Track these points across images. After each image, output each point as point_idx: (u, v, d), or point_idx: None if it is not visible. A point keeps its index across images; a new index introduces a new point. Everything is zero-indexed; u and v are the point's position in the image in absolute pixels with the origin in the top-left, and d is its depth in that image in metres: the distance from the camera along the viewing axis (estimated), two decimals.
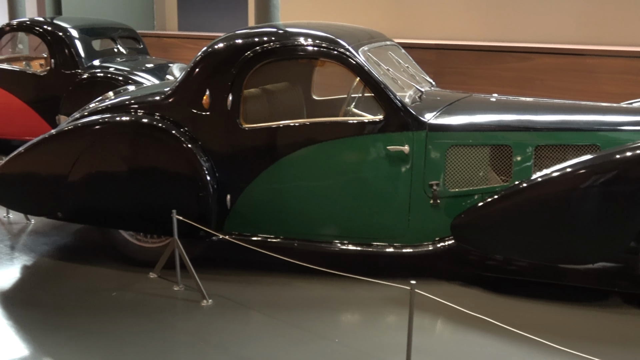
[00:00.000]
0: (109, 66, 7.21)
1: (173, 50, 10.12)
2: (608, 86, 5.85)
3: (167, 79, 6.89)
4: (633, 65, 5.79)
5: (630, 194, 3.72)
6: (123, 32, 8.10)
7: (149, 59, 7.94)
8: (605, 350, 3.41)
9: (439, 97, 4.56)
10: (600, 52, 5.97)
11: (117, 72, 7.01)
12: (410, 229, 4.18)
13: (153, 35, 10.77)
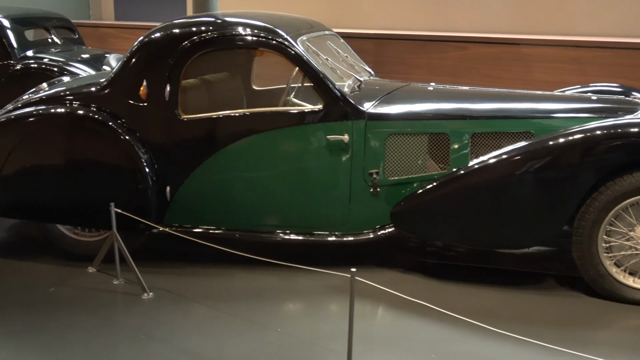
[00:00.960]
0: (43, 57, 7.03)
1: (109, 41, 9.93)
2: (542, 74, 5.99)
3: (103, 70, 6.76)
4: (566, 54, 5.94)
5: (563, 180, 3.83)
6: (57, 21, 7.91)
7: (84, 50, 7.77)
8: (540, 332, 3.51)
9: (378, 87, 4.60)
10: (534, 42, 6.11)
11: (52, 63, 6.84)
12: (351, 218, 4.21)
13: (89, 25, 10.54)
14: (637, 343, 3.49)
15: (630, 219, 3.79)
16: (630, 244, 3.82)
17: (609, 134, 3.80)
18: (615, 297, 3.86)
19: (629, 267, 3.85)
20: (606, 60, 5.70)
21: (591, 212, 3.79)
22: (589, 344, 3.44)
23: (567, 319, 3.72)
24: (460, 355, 3.31)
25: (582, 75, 5.66)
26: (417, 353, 3.33)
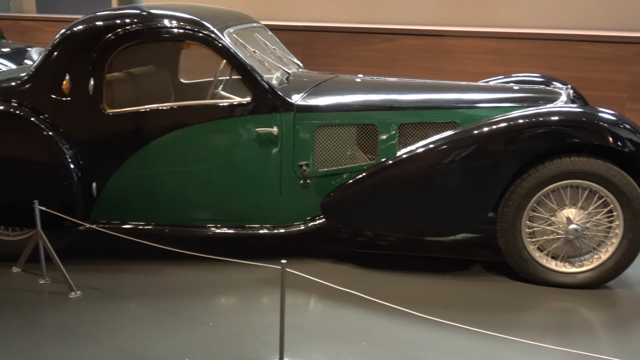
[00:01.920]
0: None
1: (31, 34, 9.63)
2: (466, 65, 6.11)
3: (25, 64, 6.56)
4: (489, 45, 6.08)
5: (487, 168, 3.92)
6: None
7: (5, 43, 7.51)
8: (468, 316, 3.59)
9: (306, 79, 4.61)
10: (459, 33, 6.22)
11: None
12: (281, 210, 4.22)
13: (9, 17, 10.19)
14: (561, 324, 3.61)
15: (552, 204, 3.92)
16: (552, 229, 3.95)
17: (530, 123, 3.92)
18: (539, 281, 3.99)
19: (551, 251, 3.98)
20: (528, 51, 5.86)
21: (514, 199, 3.90)
22: (515, 327, 3.54)
23: (493, 303, 3.82)
24: (391, 342, 3.36)
25: (505, 66, 5.80)
26: (348, 341, 3.37)
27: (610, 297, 3.91)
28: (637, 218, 3.84)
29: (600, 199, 3.88)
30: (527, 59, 5.85)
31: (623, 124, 3.92)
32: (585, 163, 3.82)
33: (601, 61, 5.51)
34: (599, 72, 5.51)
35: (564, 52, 5.68)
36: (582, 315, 3.76)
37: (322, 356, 3.22)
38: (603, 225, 3.92)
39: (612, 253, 3.91)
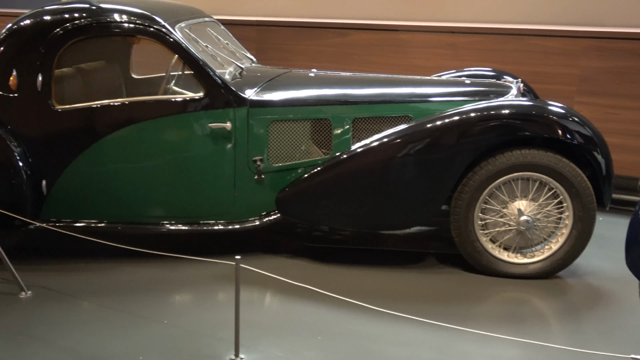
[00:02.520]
0: None
1: None
2: (420, 60, 6.16)
3: None
4: (442, 40, 6.13)
5: (440, 161, 3.96)
6: None
7: None
8: (423, 309, 3.63)
9: (260, 73, 4.59)
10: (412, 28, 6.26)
11: None
12: (236, 205, 4.20)
13: None
14: (513, 314, 3.67)
15: (504, 196, 3.98)
16: (504, 221, 4.01)
17: (482, 116, 3.97)
18: (492, 272, 4.04)
19: (503, 243, 4.04)
20: (480, 46, 5.92)
21: (467, 192, 3.95)
22: (469, 318, 3.59)
23: (447, 294, 3.87)
24: (347, 336, 3.37)
25: (457, 60, 5.86)
26: (304, 336, 3.37)
27: (561, 287, 3.99)
28: (585, 209, 3.92)
29: (550, 190, 3.95)
30: (479, 54, 5.92)
31: (572, 117, 4.00)
32: (536, 155, 3.89)
33: (551, 55, 5.60)
34: (549, 66, 5.60)
35: (515, 46, 5.76)
36: (534, 305, 3.83)
37: (277, 351, 3.22)
38: (553, 217, 4.00)
39: (562, 243, 3.99)
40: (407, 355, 3.20)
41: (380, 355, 3.20)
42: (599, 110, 5.43)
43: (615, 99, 5.43)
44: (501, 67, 5.43)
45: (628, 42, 5.38)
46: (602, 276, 4.10)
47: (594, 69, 5.49)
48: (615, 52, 5.41)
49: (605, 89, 5.45)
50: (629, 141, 5.39)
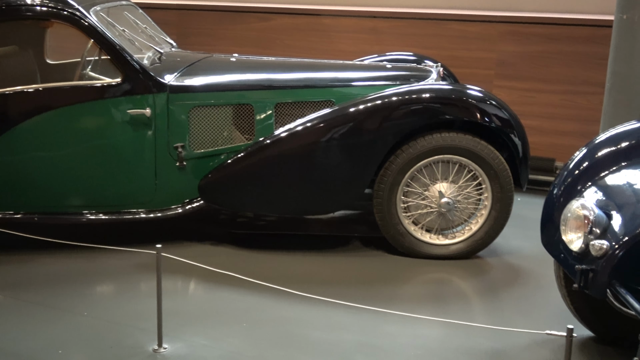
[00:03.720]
0: None
1: None
2: (342, 44, 6.17)
3: None
4: (364, 24, 6.16)
5: (363, 145, 3.99)
6: None
7: None
8: (349, 292, 3.65)
9: (179, 58, 4.51)
10: (335, 12, 6.26)
11: None
12: (158, 193, 4.12)
13: None
14: (436, 294, 3.74)
15: (425, 179, 4.04)
16: (425, 203, 4.07)
17: (403, 100, 4.01)
18: (415, 253, 4.10)
19: (425, 225, 4.11)
20: (401, 30, 5.98)
21: (389, 175, 3.99)
22: (393, 299, 3.64)
23: (372, 277, 3.91)
24: (272, 321, 3.37)
25: (379, 45, 5.89)
26: (229, 323, 3.34)
27: (481, 267, 4.08)
28: (503, 190, 4.01)
29: (469, 172, 4.03)
30: (400, 38, 5.97)
31: (489, 101, 4.08)
32: (455, 138, 3.96)
33: (469, 40, 5.70)
34: (468, 51, 5.70)
35: (435, 31, 5.84)
36: (456, 285, 3.91)
37: (202, 339, 3.19)
38: (473, 198, 4.08)
39: (482, 224, 4.08)
40: (332, 339, 3.21)
41: (305, 339, 3.21)
42: (516, 94, 5.56)
43: (532, 83, 5.57)
44: (422, 51, 5.49)
45: (543, 27, 5.52)
46: (520, 255, 4.22)
47: (511, 53, 5.62)
48: (531, 36, 5.54)
49: (522, 73, 5.59)
50: (545, 123, 5.55)
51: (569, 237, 2.77)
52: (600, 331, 3.14)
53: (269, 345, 3.15)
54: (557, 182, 3.07)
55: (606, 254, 2.60)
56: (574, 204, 2.77)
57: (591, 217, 2.69)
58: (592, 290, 2.64)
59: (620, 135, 3.09)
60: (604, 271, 2.59)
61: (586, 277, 2.65)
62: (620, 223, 2.68)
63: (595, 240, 2.63)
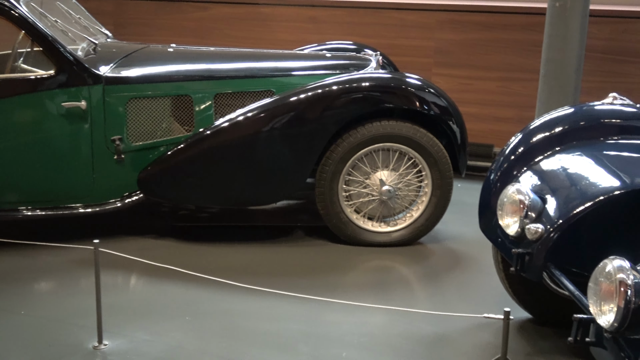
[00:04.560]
0: None
1: None
2: (282, 34, 6.15)
3: None
4: (304, 13, 6.15)
5: (304, 134, 3.99)
6: None
7: None
8: (293, 282, 3.65)
9: (115, 49, 4.42)
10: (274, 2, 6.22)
11: None
12: (96, 188, 4.04)
13: None
14: (379, 282, 3.78)
15: (366, 167, 4.06)
16: (367, 191, 4.09)
17: (343, 89, 4.02)
18: (357, 242, 4.13)
19: (367, 213, 4.13)
20: (340, 19, 5.99)
21: (330, 164, 4.00)
22: (337, 288, 3.65)
23: (315, 267, 3.92)
24: (216, 314, 3.34)
25: (319, 34, 5.89)
26: (172, 317, 3.31)
27: (423, 253, 4.13)
28: (443, 177, 4.07)
29: (409, 160, 4.06)
30: (340, 27, 5.98)
31: (428, 89, 4.12)
32: (395, 126, 3.99)
33: (408, 28, 5.75)
34: (407, 39, 5.75)
35: (374, 19, 5.87)
36: (398, 272, 3.95)
37: (144, 335, 3.14)
38: (413, 185, 4.12)
39: (422, 211, 4.13)
40: (276, 330, 3.21)
41: (249, 331, 3.20)
42: (454, 81, 5.64)
43: (470, 70, 5.66)
44: (361, 40, 5.51)
45: (480, 15, 5.61)
46: (461, 240, 4.29)
47: (449, 41, 5.69)
48: (468, 24, 5.62)
49: (459, 61, 5.67)
50: (483, 110, 5.64)
51: (505, 222, 2.83)
52: (538, 313, 3.22)
53: (212, 338, 3.13)
54: (493, 168, 3.12)
55: (541, 238, 2.66)
56: (509, 189, 2.82)
57: (526, 201, 2.74)
58: (529, 273, 2.70)
59: (553, 120, 3.16)
60: (540, 254, 2.65)
61: (522, 260, 2.71)
62: (555, 207, 2.74)
63: (531, 224, 2.69)
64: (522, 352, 3.02)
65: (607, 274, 2.02)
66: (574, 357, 2.96)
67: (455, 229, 4.42)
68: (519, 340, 3.11)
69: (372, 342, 3.11)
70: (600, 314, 2.04)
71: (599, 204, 2.63)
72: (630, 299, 1.94)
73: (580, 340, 2.17)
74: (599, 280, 2.05)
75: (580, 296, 2.36)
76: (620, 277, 1.97)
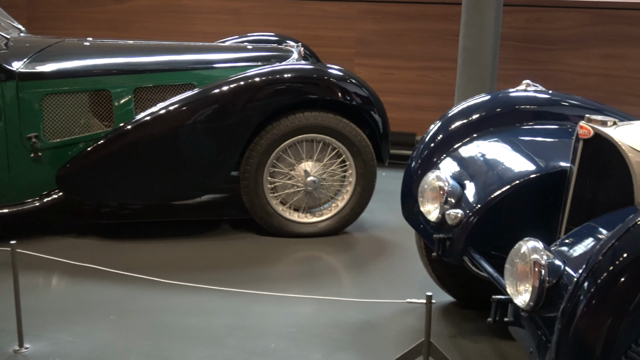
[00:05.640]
0: None
1: None
2: (203, 26, 6.09)
3: None
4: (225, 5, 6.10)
5: (226, 127, 3.96)
6: None
7: None
8: (219, 276, 3.63)
9: (29, 44, 4.28)
10: None
11: None
12: (12, 187, 3.91)
13: None
14: (307, 272, 3.80)
15: (290, 159, 4.06)
16: (292, 183, 4.10)
17: (266, 81, 4.01)
18: (284, 233, 4.14)
19: (293, 204, 4.14)
20: (262, 11, 5.97)
21: (255, 157, 3.99)
22: (265, 280, 3.65)
23: (242, 260, 3.90)
24: (141, 312, 3.29)
25: (240, 26, 5.86)
26: (95, 317, 3.23)
27: (349, 242, 4.18)
28: (367, 166, 4.11)
29: (333, 150, 4.09)
30: (261, 19, 5.96)
31: (350, 79, 4.16)
32: (318, 117, 4.01)
33: (329, 19, 5.78)
34: (328, 30, 5.78)
35: (295, 11, 5.88)
36: (326, 262, 3.98)
37: (66, 336, 3.06)
38: (338, 175, 4.15)
39: (347, 200, 4.17)
40: (203, 325, 3.18)
41: (176, 327, 3.16)
42: (376, 71, 5.70)
43: (391, 60, 5.73)
44: (283, 31, 5.51)
45: (399, 6, 5.68)
46: (386, 228, 4.35)
47: (370, 31, 5.74)
48: (388, 15, 5.69)
49: (381, 51, 5.74)
50: (405, 99, 5.73)
51: (426, 208, 2.88)
52: (461, 296, 3.30)
53: (138, 336, 3.08)
54: (414, 156, 3.18)
55: (461, 222, 2.72)
56: (429, 176, 2.88)
57: (446, 188, 2.80)
58: (450, 258, 2.77)
59: (471, 108, 3.23)
60: (460, 239, 2.71)
61: (444, 245, 2.77)
62: (473, 192, 2.81)
63: (451, 210, 2.75)
64: (446, 334, 3.09)
65: (522, 255, 2.08)
66: (495, 337, 3.05)
67: (381, 217, 4.48)
68: (443, 323, 3.19)
69: (301, 332, 3.13)
70: (517, 294, 2.10)
71: (515, 187, 2.71)
72: (544, 279, 2.01)
73: (499, 320, 2.23)
74: (515, 262, 2.11)
75: (498, 277, 2.43)
76: (535, 257, 2.04)
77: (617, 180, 2.39)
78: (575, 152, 2.54)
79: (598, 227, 2.18)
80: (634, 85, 5.29)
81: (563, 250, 2.16)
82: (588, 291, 1.83)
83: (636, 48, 5.27)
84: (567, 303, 1.87)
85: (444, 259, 2.80)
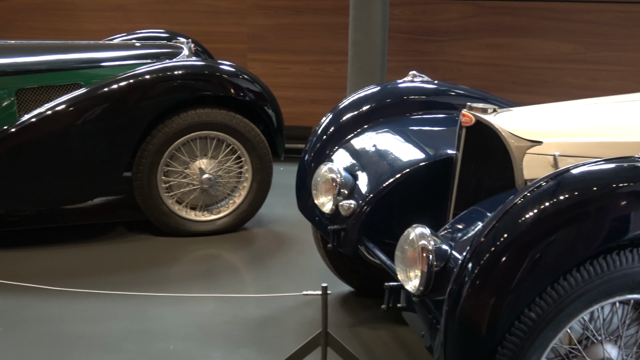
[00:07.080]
0: None
1: None
2: (89, 24, 5.91)
3: None
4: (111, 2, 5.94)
5: (115, 128, 3.87)
6: None
7: None
8: (115, 281, 3.54)
9: None
10: None
11: None
12: None
13: None
14: (206, 270, 3.77)
15: (184, 157, 4.01)
16: (187, 181, 4.05)
17: (156, 78, 3.96)
18: (182, 232, 4.08)
19: (189, 203, 4.09)
20: (150, 7, 5.86)
21: (147, 156, 3.91)
22: (164, 282, 3.59)
23: (139, 262, 3.82)
24: (32, 322, 3.16)
25: (129, 23, 5.72)
26: None
27: (248, 238, 4.17)
28: (262, 161, 4.11)
29: (228, 147, 4.07)
30: (150, 15, 5.85)
31: (242, 75, 4.14)
32: (210, 114, 3.97)
33: (220, 15, 5.73)
34: (219, 25, 5.74)
35: (184, 6, 5.80)
36: (225, 259, 3.96)
37: None
38: (234, 172, 4.13)
39: (245, 196, 4.15)
40: (98, 331, 3.09)
41: (70, 335, 3.06)
42: (270, 66, 5.71)
43: (284, 55, 5.75)
44: (173, 28, 5.42)
45: (289, 0, 5.70)
46: (284, 222, 4.37)
47: (262, 26, 5.74)
48: (279, 10, 5.70)
49: (273, 46, 5.74)
50: (299, 93, 5.76)
51: (320, 201, 2.91)
52: (358, 285, 3.35)
53: (30, 347, 2.96)
54: (307, 149, 3.20)
55: (354, 213, 2.76)
56: (322, 169, 2.90)
57: (338, 179, 2.83)
58: (345, 248, 2.80)
59: (361, 99, 3.28)
60: (354, 229, 2.75)
61: (338, 236, 2.80)
62: (366, 182, 2.85)
63: (344, 201, 2.78)
64: (345, 323, 3.13)
65: (411, 241, 2.13)
66: (392, 323, 3.11)
67: (279, 211, 4.50)
68: (341, 313, 3.23)
69: (200, 332, 3.09)
70: (408, 280, 2.15)
71: (405, 176, 2.78)
72: (432, 264, 2.07)
73: (392, 306, 2.27)
74: (404, 248, 2.16)
75: (391, 265, 2.48)
76: (422, 243, 2.09)
77: (499, 165, 2.48)
78: (459, 139, 2.62)
79: (482, 211, 2.26)
80: (517, 74, 5.52)
81: (450, 234, 2.22)
82: (472, 272, 1.89)
83: (518, 38, 5.50)
84: (452, 285, 1.93)
85: (340, 250, 2.83)
